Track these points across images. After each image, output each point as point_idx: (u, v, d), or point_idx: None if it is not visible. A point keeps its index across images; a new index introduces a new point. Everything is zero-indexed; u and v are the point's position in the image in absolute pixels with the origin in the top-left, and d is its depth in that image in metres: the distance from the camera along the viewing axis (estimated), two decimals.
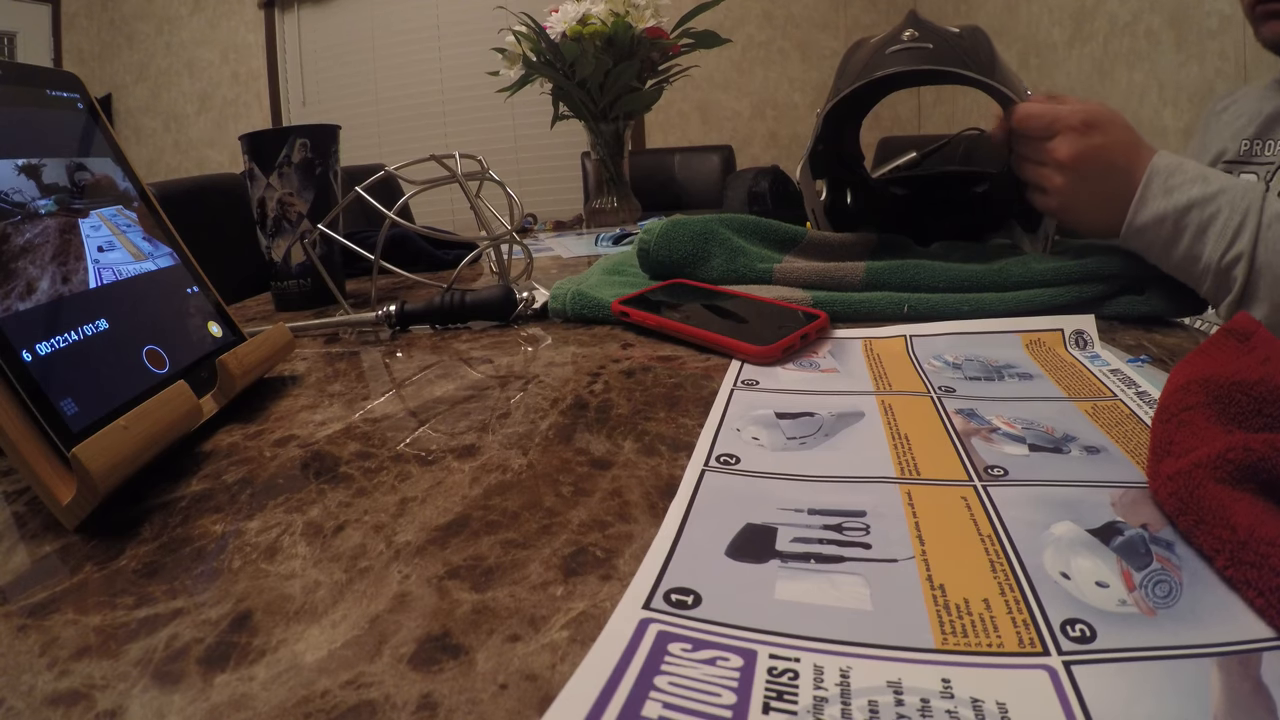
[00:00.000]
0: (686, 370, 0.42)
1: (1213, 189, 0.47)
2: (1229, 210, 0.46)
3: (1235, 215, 0.46)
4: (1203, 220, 0.47)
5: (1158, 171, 0.49)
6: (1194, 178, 0.48)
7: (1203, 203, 0.47)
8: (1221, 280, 0.47)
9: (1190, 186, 0.48)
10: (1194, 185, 0.47)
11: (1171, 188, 0.48)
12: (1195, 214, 0.47)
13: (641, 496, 0.27)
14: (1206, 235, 0.47)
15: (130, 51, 3.48)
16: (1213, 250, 0.47)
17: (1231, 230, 0.46)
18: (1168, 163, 0.49)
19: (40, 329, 0.30)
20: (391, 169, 0.64)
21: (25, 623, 0.22)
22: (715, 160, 2.15)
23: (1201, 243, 0.47)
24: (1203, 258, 0.47)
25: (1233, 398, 0.26)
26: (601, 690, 0.17)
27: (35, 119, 0.36)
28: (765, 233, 0.61)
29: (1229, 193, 0.47)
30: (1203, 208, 0.47)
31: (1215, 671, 0.17)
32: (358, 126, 3.22)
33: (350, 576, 0.23)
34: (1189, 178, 0.48)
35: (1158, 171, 0.49)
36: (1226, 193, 0.47)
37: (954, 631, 0.19)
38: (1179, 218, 0.47)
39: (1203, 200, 0.47)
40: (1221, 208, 0.46)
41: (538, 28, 1.10)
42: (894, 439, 0.31)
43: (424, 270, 0.84)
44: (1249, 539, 0.20)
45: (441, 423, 0.36)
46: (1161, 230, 0.48)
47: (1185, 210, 0.47)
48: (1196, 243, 0.47)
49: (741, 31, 3.02)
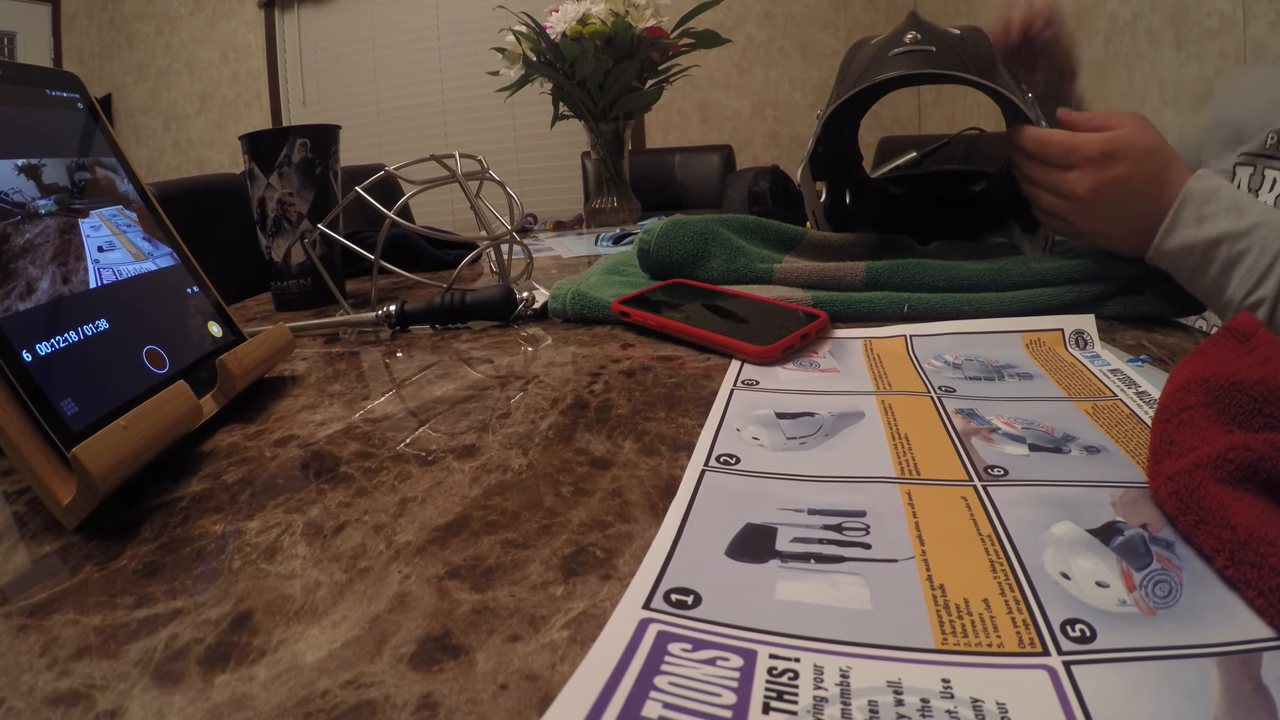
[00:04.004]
0: (686, 370, 0.42)
1: (1246, 224, 0.45)
2: (1259, 251, 0.44)
3: (1265, 258, 0.44)
4: (1231, 256, 0.45)
5: (1191, 197, 0.47)
6: (1229, 208, 0.46)
7: (1234, 238, 0.45)
8: None
9: (1223, 218, 0.46)
10: (1227, 217, 0.46)
11: (1204, 217, 0.46)
12: (1224, 249, 0.45)
13: (641, 496, 0.27)
14: (1233, 273, 0.45)
15: (130, 51, 3.48)
16: (1236, 288, 0.45)
17: (1259, 273, 0.44)
18: (1203, 188, 0.47)
19: (40, 329, 0.30)
20: (391, 169, 0.64)
21: (25, 623, 0.22)
22: (715, 160, 2.15)
23: (1227, 279, 0.46)
24: (1226, 292, 0.46)
25: (1233, 398, 0.26)
26: (601, 690, 0.17)
27: (35, 119, 0.36)
28: (765, 233, 0.61)
29: (1262, 230, 0.45)
30: (1233, 243, 0.45)
31: (1215, 671, 0.17)
32: (358, 126, 3.22)
33: (350, 576, 0.23)
34: (1224, 207, 0.46)
35: (1191, 197, 0.47)
36: (1259, 230, 0.45)
37: (954, 631, 0.19)
38: (1207, 250, 0.46)
39: (1234, 235, 0.45)
40: (1252, 246, 0.45)
41: (538, 28, 1.10)
42: (894, 439, 0.31)
43: (424, 270, 0.84)
44: (1249, 539, 0.20)
45: (441, 423, 0.36)
46: (1189, 259, 0.47)
47: (1215, 244, 0.45)
48: (1222, 278, 0.46)
49: (741, 31, 3.02)
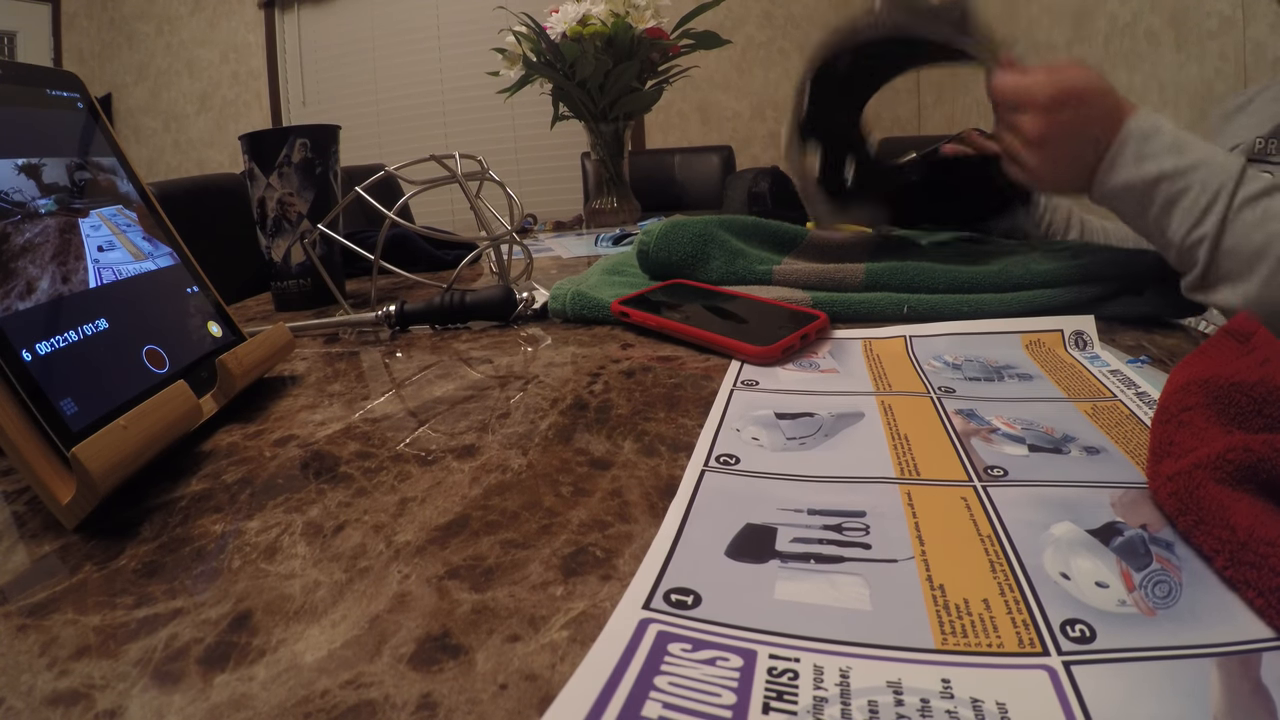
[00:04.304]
0: (686, 370, 0.42)
1: (1186, 162, 0.45)
2: (1199, 189, 0.44)
3: (1204, 195, 0.44)
4: (1171, 195, 0.45)
5: (1131, 136, 0.47)
6: (1169, 146, 0.46)
7: (1173, 176, 0.45)
8: (1185, 257, 0.46)
9: (1163, 157, 0.45)
10: (1167, 156, 0.45)
11: (1144, 155, 0.46)
12: (1164, 187, 0.45)
13: (641, 496, 0.27)
14: (1173, 212, 0.45)
15: (130, 51, 3.48)
16: (1177, 227, 0.45)
17: (1199, 211, 0.44)
18: (1144, 126, 0.47)
19: (40, 329, 0.30)
20: (391, 169, 0.64)
21: (25, 623, 0.22)
22: (715, 161, 2.15)
23: (1168, 217, 0.45)
24: (1168, 231, 0.46)
25: (1232, 398, 0.26)
26: (601, 690, 0.17)
27: (35, 119, 0.36)
28: (764, 234, 0.61)
29: (1202, 169, 0.45)
30: (1172, 181, 0.45)
31: (1215, 672, 0.17)
32: (358, 126, 3.22)
33: (350, 576, 0.23)
34: (1164, 146, 0.46)
35: (1131, 136, 0.47)
36: (1199, 169, 0.45)
37: (954, 632, 0.19)
38: (1147, 189, 0.46)
39: (1174, 174, 0.45)
40: (1192, 185, 0.44)
41: (538, 28, 1.10)
42: (894, 439, 0.31)
43: (424, 270, 0.84)
44: (1249, 539, 0.20)
45: (441, 423, 0.36)
46: (1131, 198, 0.47)
47: (1154, 183, 0.45)
48: (1164, 216, 0.46)
49: (741, 31, 3.02)
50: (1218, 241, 0.44)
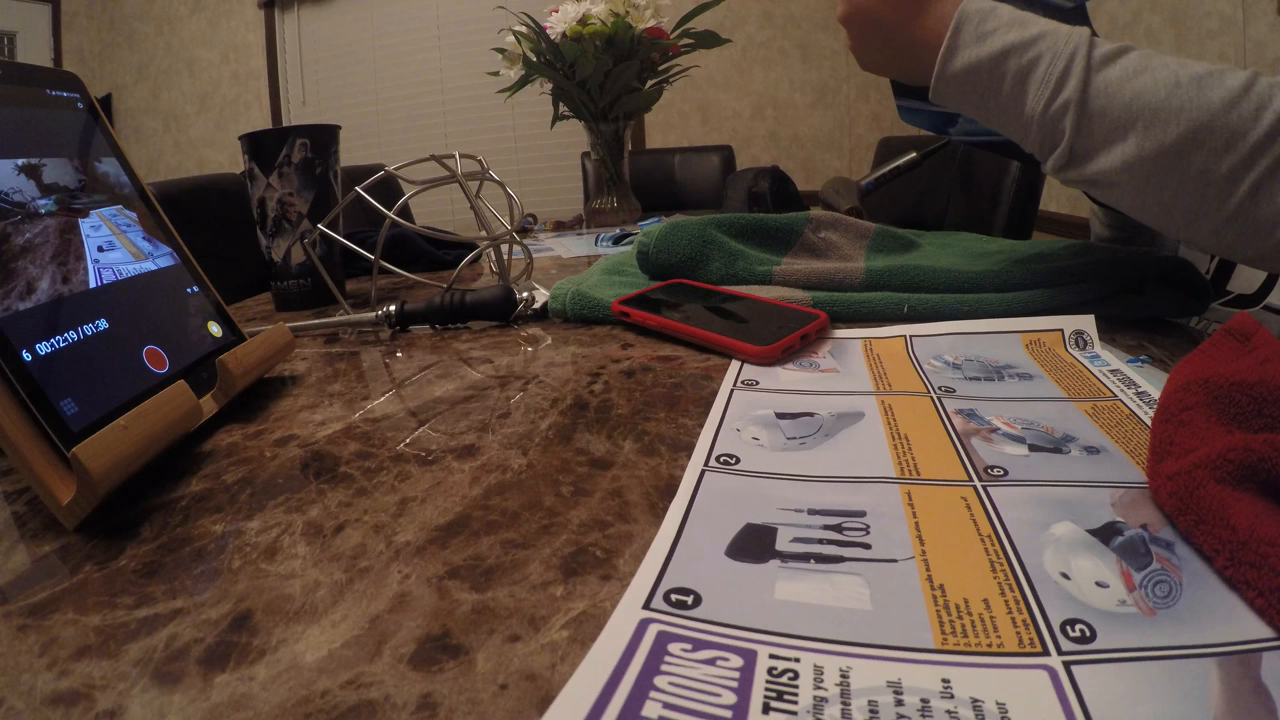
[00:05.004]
0: (686, 370, 0.42)
1: (1031, 33, 0.43)
2: (1051, 56, 0.42)
3: (1059, 60, 0.42)
4: (1022, 67, 0.42)
5: (968, 18, 0.44)
6: (1009, 22, 0.44)
7: (1021, 48, 0.42)
8: (1049, 132, 0.43)
9: (1006, 31, 0.43)
10: (1010, 30, 0.43)
11: (985, 34, 0.44)
12: (1014, 60, 0.43)
13: (641, 496, 0.27)
14: (1027, 84, 0.42)
15: (130, 51, 3.49)
16: (1035, 100, 0.42)
17: (1055, 77, 0.42)
18: (980, 7, 0.45)
19: (40, 329, 0.30)
20: (391, 169, 0.64)
21: (25, 623, 0.22)
22: (715, 160, 2.14)
23: (1023, 91, 0.43)
24: (1026, 105, 0.43)
25: (1233, 398, 0.26)
26: (601, 690, 0.17)
27: (35, 119, 0.36)
28: (765, 231, 0.61)
29: (1050, 37, 0.42)
30: (1021, 53, 0.42)
31: (1215, 671, 0.17)
32: (358, 126, 3.22)
33: (350, 576, 0.23)
34: (1004, 22, 0.44)
35: (968, 18, 0.44)
36: (1047, 37, 0.42)
37: (954, 631, 0.19)
38: (995, 65, 0.43)
39: (1021, 45, 0.42)
40: (1043, 53, 0.42)
41: (538, 28, 1.10)
42: (894, 439, 0.31)
43: (424, 270, 0.84)
44: (1249, 539, 0.20)
45: (441, 423, 0.36)
46: (978, 79, 0.44)
47: (1002, 56, 0.43)
48: (1017, 91, 0.43)
49: (741, 31, 3.02)
50: (1084, 106, 0.41)
